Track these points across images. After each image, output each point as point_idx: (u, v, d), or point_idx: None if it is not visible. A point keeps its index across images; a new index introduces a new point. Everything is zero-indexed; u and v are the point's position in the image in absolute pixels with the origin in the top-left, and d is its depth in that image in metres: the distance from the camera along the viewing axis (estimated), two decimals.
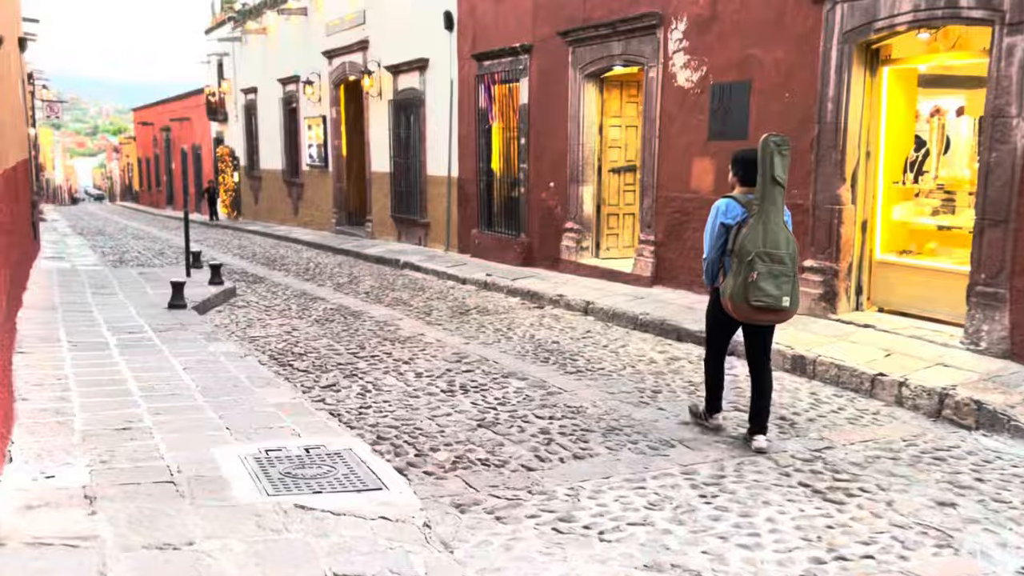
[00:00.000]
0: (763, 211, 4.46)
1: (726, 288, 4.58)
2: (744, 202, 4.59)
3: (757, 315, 4.56)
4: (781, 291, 4.45)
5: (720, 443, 4.89)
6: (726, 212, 4.64)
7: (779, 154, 4.43)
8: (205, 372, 5.48)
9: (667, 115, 9.38)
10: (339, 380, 6.10)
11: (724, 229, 4.63)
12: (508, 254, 12.26)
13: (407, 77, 15.23)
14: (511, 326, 8.41)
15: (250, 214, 25.46)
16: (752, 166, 4.55)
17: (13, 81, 9.84)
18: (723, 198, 4.76)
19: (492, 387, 5.97)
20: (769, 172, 4.43)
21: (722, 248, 4.65)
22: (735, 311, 4.58)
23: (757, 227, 4.44)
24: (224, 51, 26.08)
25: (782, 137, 4.50)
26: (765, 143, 4.46)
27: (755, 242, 4.42)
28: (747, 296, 4.45)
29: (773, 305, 4.47)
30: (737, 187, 4.76)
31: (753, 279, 4.40)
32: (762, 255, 4.40)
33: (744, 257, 4.44)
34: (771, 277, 4.41)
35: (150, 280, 10.59)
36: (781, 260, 4.43)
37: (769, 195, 4.45)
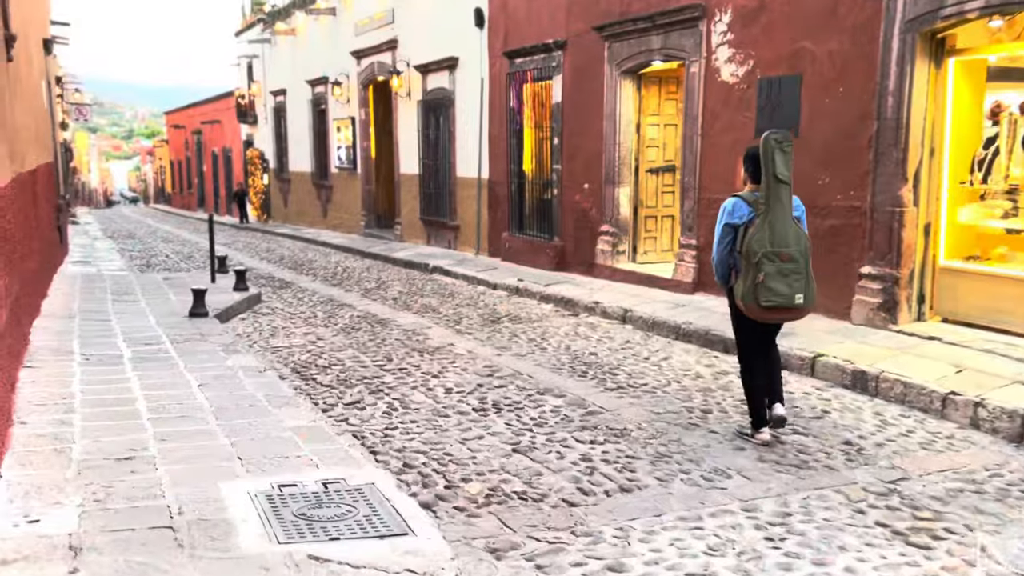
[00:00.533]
0: (769, 210, 4.40)
1: (737, 289, 4.55)
2: (751, 201, 4.52)
3: (770, 315, 4.53)
4: (793, 289, 4.40)
5: (780, 471, 4.41)
6: (732, 212, 4.58)
7: (781, 151, 4.38)
8: (220, 389, 5.12)
9: (710, 112, 8.88)
10: (364, 396, 5.70)
11: (731, 229, 4.57)
12: (540, 258, 11.82)
13: (436, 76, 14.86)
14: (545, 335, 7.97)
15: (279, 217, 25.30)
16: (758, 163, 4.50)
17: (35, 83, 9.61)
18: (731, 197, 4.68)
19: (527, 405, 5.54)
20: (771, 170, 4.37)
21: (729, 247, 4.59)
22: (747, 311, 4.55)
23: (763, 227, 4.40)
24: (254, 53, 25.97)
25: (783, 133, 4.47)
26: (766, 140, 4.39)
27: (761, 242, 4.37)
28: (757, 297, 4.41)
29: (785, 304, 4.43)
30: (748, 185, 4.69)
31: (761, 280, 4.36)
32: (769, 255, 4.36)
33: (751, 258, 4.39)
34: (780, 276, 4.37)
35: (174, 286, 10.32)
36: (791, 258, 4.39)
37: (774, 193, 4.39)
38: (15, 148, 6.73)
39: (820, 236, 7.70)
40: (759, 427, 4.80)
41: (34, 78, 9.58)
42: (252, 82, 26.93)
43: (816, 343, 6.83)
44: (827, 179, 7.64)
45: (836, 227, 7.56)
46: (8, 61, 6.51)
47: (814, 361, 6.48)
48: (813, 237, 7.80)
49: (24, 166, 7.47)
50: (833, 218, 7.59)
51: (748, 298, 4.47)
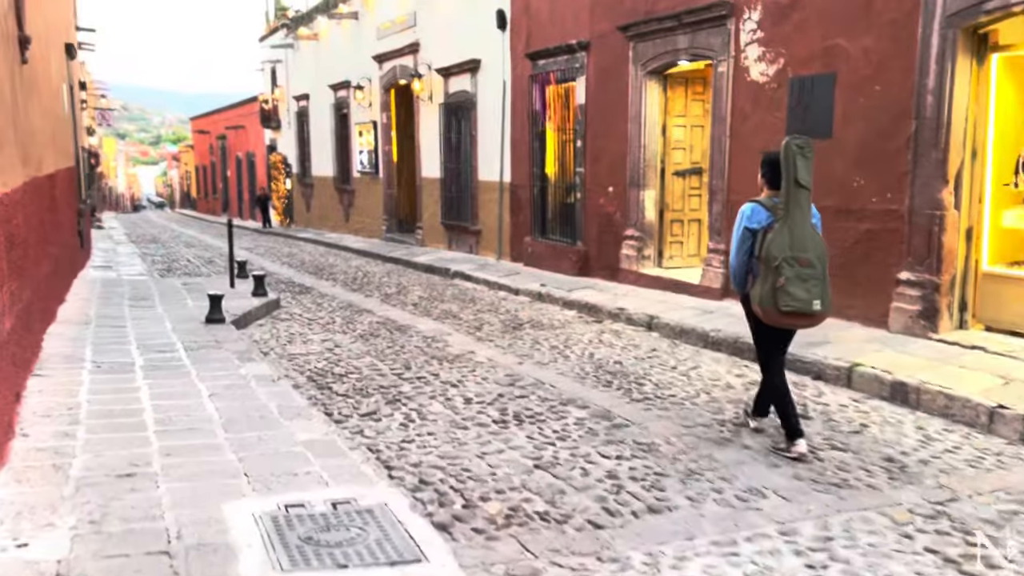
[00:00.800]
0: (788, 215, 4.40)
1: (755, 294, 4.52)
2: (770, 206, 4.52)
3: (788, 320, 4.50)
4: (811, 294, 4.39)
5: (819, 490, 4.15)
6: (751, 217, 4.57)
7: (802, 156, 4.39)
8: (231, 400, 4.94)
9: (739, 113, 8.60)
10: (380, 407, 5.50)
11: (749, 234, 4.56)
12: (563, 263, 11.59)
13: (458, 79, 14.69)
14: (568, 343, 7.73)
15: (302, 221, 25.28)
16: (777, 168, 4.50)
17: (55, 87, 9.56)
18: (749, 202, 4.66)
19: (549, 417, 5.31)
20: (792, 175, 4.38)
21: (749, 253, 4.58)
22: (765, 317, 4.52)
23: (783, 231, 4.40)
24: (277, 58, 26.02)
25: (804, 139, 4.47)
26: (787, 146, 4.40)
27: (781, 247, 4.36)
28: (776, 302, 4.39)
29: (803, 309, 4.40)
30: (765, 190, 4.68)
31: (781, 284, 4.35)
32: (789, 259, 4.35)
33: (771, 262, 4.38)
34: (799, 281, 4.36)
35: (192, 291, 10.21)
36: (810, 263, 4.39)
37: (794, 198, 4.40)
38: (30, 151, 6.62)
39: (855, 241, 7.40)
40: (794, 438, 4.63)
41: (54, 82, 9.52)
42: (275, 87, 26.98)
43: (852, 352, 6.54)
44: (862, 181, 7.34)
45: (872, 231, 7.26)
46: (23, 63, 6.40)
47: (851, 371, 6.19)
48: (847, 241, 7.53)
49: (41, 170, 7.38)
50: (869, 222, 7.29)
51: (767, 302, 4.44)
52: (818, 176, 7.80)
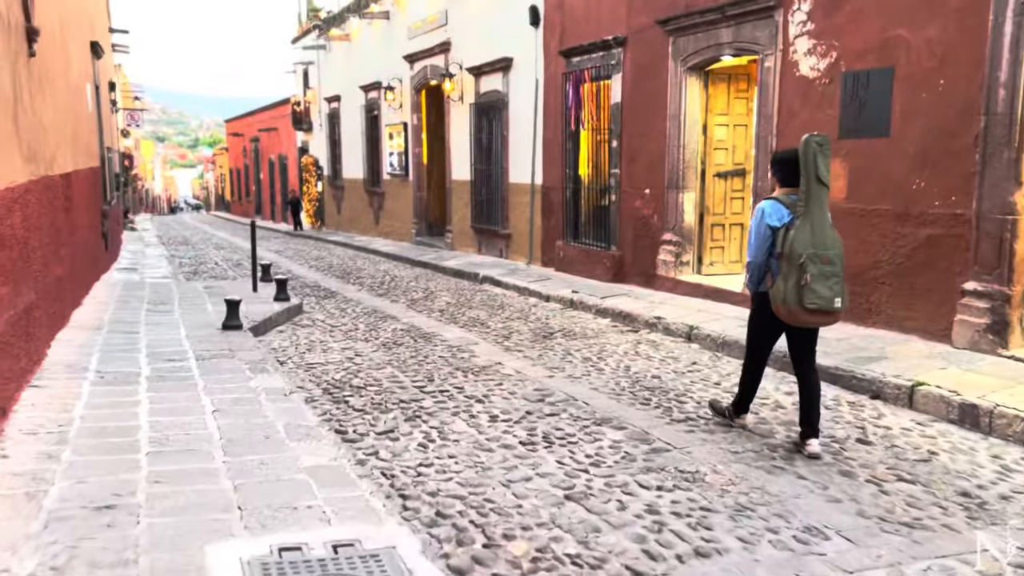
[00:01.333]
0: (809, 212, 4.39)
1: (777, 292, 4.47)
2: (788, 203, 4.52)
3: (810, 318, 4.47)
4: (833, 292, 4.38)
5: (888, 531, 3.64)
6: (772, 214, 4.54)
7: (822, 154, 4.38)
8: (236, 416, 4.56)
9: (787, 110, 8.07)
10: (399, 424, 5.08)
11: (771, 231, 4.53)
12: (597, 268, 11.11)
13: (489, 79, 14.30)
14: (602, 354, 7.26)
15: (333, 224, 25.08)
16: (791, 166, 4.50)
17: (74, 84, 9.32)
18: (767, 199, 4.65)
19: (582, 439, 4.84)
20: (813, 172, 4.37)
21: (769, 251, 4.55)
22: (788, 316, 4.49)
23: (805, 228, 4.38)
24: (309, 60, 25.89)
25: (823, 136, 4.45)
26: (807, 143, 4.38)
27: (805, 244, 4.35)
28: (801, 299, 4.37)
29: (825, 307, 4.39)
30: (777, 188, 4.69)
31: (807, 282, 4.33)
32: (812, 257, 4.34)
33: (795, 260, 4.37)
34: (823, 279, 4.34)
35: (214, 295, 9.92)
36: (830, 261, 4.38)
37: (815, 196, 4.39)
38: (38, 149, 6.33)
39: (914, 247, 6.85)
40: (741, 413, 5.02)
41: (73, 79, 9.29)
42: (307, 89, 26.86)
43: (913, 369, 5.99)
44: (922, 183, 6.77)
45: (934, 237, 6.69)
46: (31, 56, 6.11)
47: (913, 391, 5.64)
48: (906, 248, 6.96)
49: (52, 169, 7.10)
50: (930, 227, 6.72)
51: (792, 300, 4.40)
52: (873, 178, 7.28)
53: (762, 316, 4.75)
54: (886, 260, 7.12)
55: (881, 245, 7.15)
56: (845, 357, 6.45)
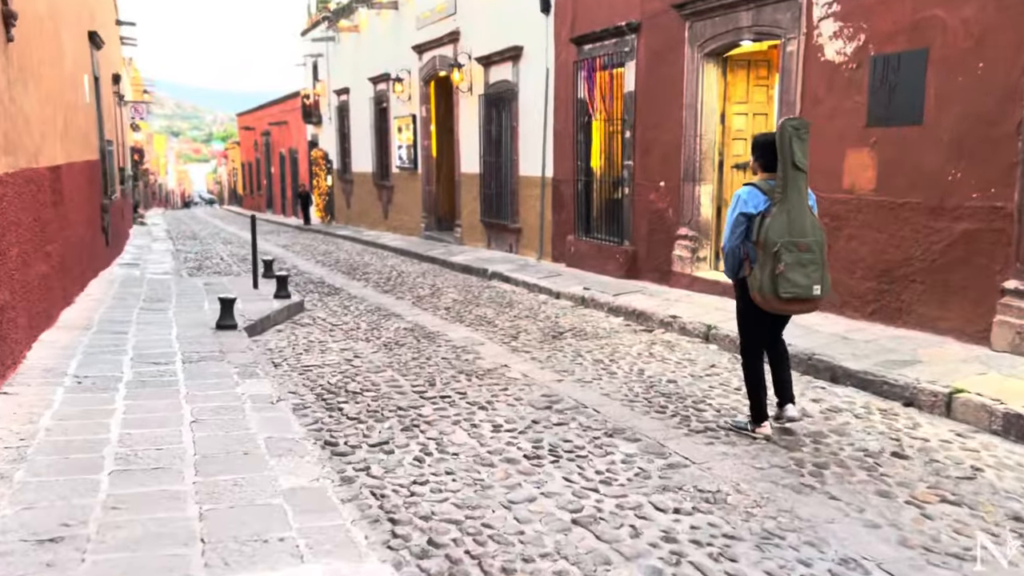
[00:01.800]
0: (786, 198, 4.32)
1: (754, 280, 4.43)
2: (766, 189, 4.42)
3: (787, 306, 4.44)
4: (811, 279, 4.34)
5: (936, 564, 3.24)
6: (747, 201, 4.45)
7: (798, 138, 4.28)
8: (216, 428, 4.20)
9: (811, 97, 7.62)
10: (394, 435, 4.72)
11: (745, 218, 4.45)
12: (609, 264, 10.70)
13: (499, 69, 13.89)
14: (614, 356, 6.87)
15: (342, 218, 24.77)
16: (770, 151, 4.39)
17: (68, 74, 8.99)
18: (745, 185, 4.57)
19: (592, 453, 4.46)
20: (789, 158, 4.27)
21: (742, 237, 4.47)
22: (764, 303, 4.45)
23: (781, 216, 4.31)
24: (319, 52, 25.56)
25: (801, 120, 4.37)
26: (783, 128, 4.29)
27: (780, 232, 4.28)
28: (776, 288, 4.33)
29: (803, 295, 4.35)
30: (759, 173, 4.58)
31: (781, 271, 4.28)
32: (788, 245, 4.28)
33: (769, 248, 4.30)
34: (799, 266, 4.30)
35: (212, 292, 9.59)
36: (808, 248, 4.32)
37: (792, 182, 4.30)
38: (17, 140, 6.00)
39: (949, 243, 6.40)
40: (760, 421, 4.70)
41: (67, 69, 8.96)
42: (317, 81, 26.53)
43: (949, 374, 5.56)
44: (958, 174, 6.33)
45: (971, 232, 6.24)
46: (8, 41, 5.77)
47: (951, 399, 5.21)
48: (940, 244, 6.51)
49: (38, 161, 6.77)
50: (967, 221, 6.27)
51: (767, 289, 4.36)
52: (904, 169, 6.84)
53: (746, 304, 4.64)
54: (918, 256, 6.68)
55: (913, 240, 6.71)
56: (875, 360, 6.03)
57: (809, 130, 4.37)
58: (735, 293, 4.77)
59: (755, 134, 4.75)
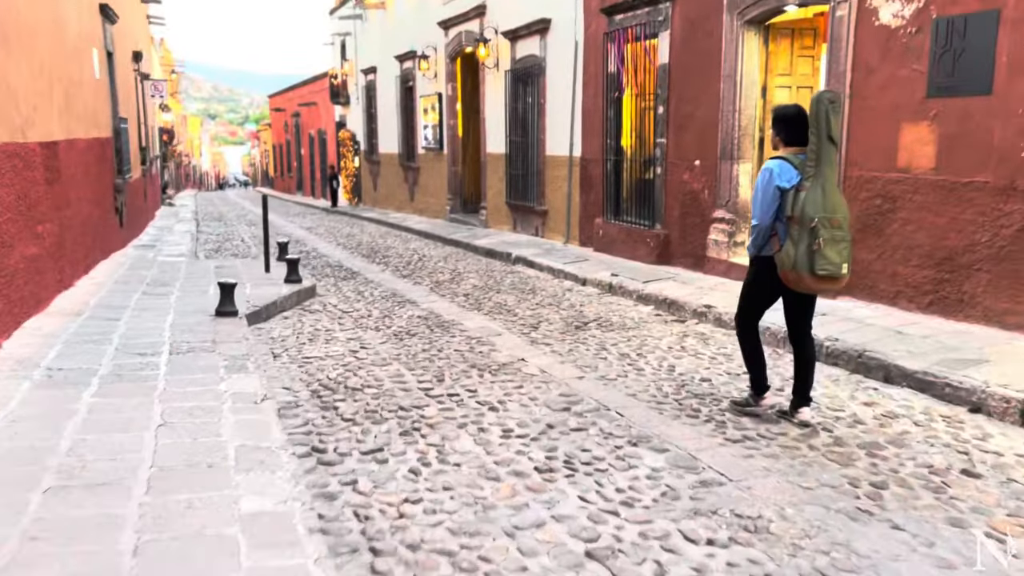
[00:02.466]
0: (820, 173, 4.16)
1: (787, 258, 4.23)
2: (797, 163, 4.26)
3: (818, 284, 4.25)
4: (842, 258, 4.19)
5: None
6: (780, 175, 4.27)
7: (834, 112, 4.14)
8: (183, 434, 3.72)
9: (863, 66, 6.92)
10: (391, 440, 4.20)
11: (779, 193, 4.26)
12: (639, 249, 10.08)
13: (526, 43, 13.25)
14: (642, 350, 6.29)
15: (369, 200, 24.36)
16: (797, 124, 4.29)
17: (71, 46, 8.58)
18: (774, 159, 4.37)
19: (613, 466, 3.90)
20: (825, 131, 4.12)
21: (776, 214, 4.29)
22: (797, 281, 4.27)
23: (816, 190, 4.15)
24: (347, 31, 25.07)
25: (835, 93, 4.23)
26: (819, 100, 4.14)
27: (816, 207, 4.13)
28: (812, 265, 4.14)
29: (835, 273, 4.19)
30: (781, 147, 4.41)
31: (819, 247, 4.12)
32: (824, 220, 4.13)
33: (807, 223, 4.14)
34: (833, 243, 4.14)
35: (222, 276, 9.15)
36: (840, 225, 4.17)
37: (826, 156, 4.16)
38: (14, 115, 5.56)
39: (1022, 227, 5.70)
40: (762, 392, 4.61)
41: (70, 42, 8.55)
42: (344, 61, 26.07)
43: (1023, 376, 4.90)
44: None
45: None
46: None
47: None
48: (1010, 228, 5.73)
49: (26, 136, 6.34)
50: None
51: (802, 266, 4.16)
52: (969, 144, 6.12)
53: (762, 281, 4.48)
54: (984, 242, 5.98)
55: (978, 224, 6.02)
56: (934, 359, 5.37)
57: (841, 103, 4.26)
58: (749, 270, 4.59)
59: (775, 106, 4.58)
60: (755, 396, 4.64)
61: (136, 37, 17.10)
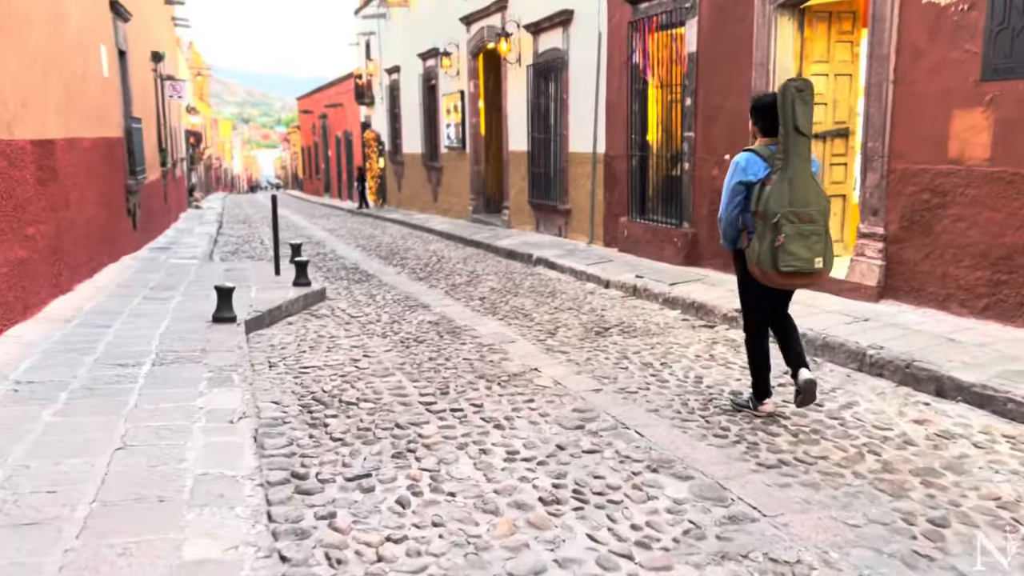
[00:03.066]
0: (788, 165, 4.04)
1: (752, 253, 4.17)
2: (767, 156, 4.14)
3: (786, 280, 4.16)
4: (813, 252, 4.06)
5: None
6: (746, 168, 4.18)
7: (801, 101, 3.99)
8: (141, 459, 3.31)
9: (909, 49, 6.35)
10: (382, 464, 3.76)
11: (743, 187, 4.18)
12: (666, 249, 9.56)
13: (549, 36, 12.78)
14: (667, 358, 5.79)
15: (394, 201, 24.05)
16: (771, 113, 4.08)
17: (73, 41, 8.29)
18: (743, 151, 4.27)
19: (629, 496, 3.42)
20: (791, 122, 3.99)
21: (740, 207, 4.21)
22: (763, 277, 4.18)
23: (782, 184, 4.03)
24: (371, 30, 24.82)
25: (804, 81, 4.04)
26: (785, 88, 4.01)
27: (780, 201, 4.01)
28: (775, 262, 4.05)
29: (804, 268, 4.07)
30: (759, 138, 4.28)
31: (781, 243, 4.00)
32: (789, 215, 4.01)
33: (769, 219, 4.03)
34: (800, 238, 4.01)
35: (232, 279, 8.83)
36: (811, 219, 4.04)
37: (793, 147, 4.01)
38: None
39: None
40: (763, 398, 4.45)
41: (71, 36, 8.26)
42: (369, 60, 25.81)
43: None
44: None
45: None
46: None
47: None
48: None
49: (12, 132, 6.03)
50: None
51: (765, 262, 4.09)
52: None
53: (748, 275, 4.33)
54: None
55: None
56: (993, 371, 4.82)
57: (814, 92, 4.02)
58: (735, 266, 4.48)
59: (753, 96, 4.42)
60: (756, 400, 4.48)
61: (157, 38, 16.93)
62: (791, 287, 4.29)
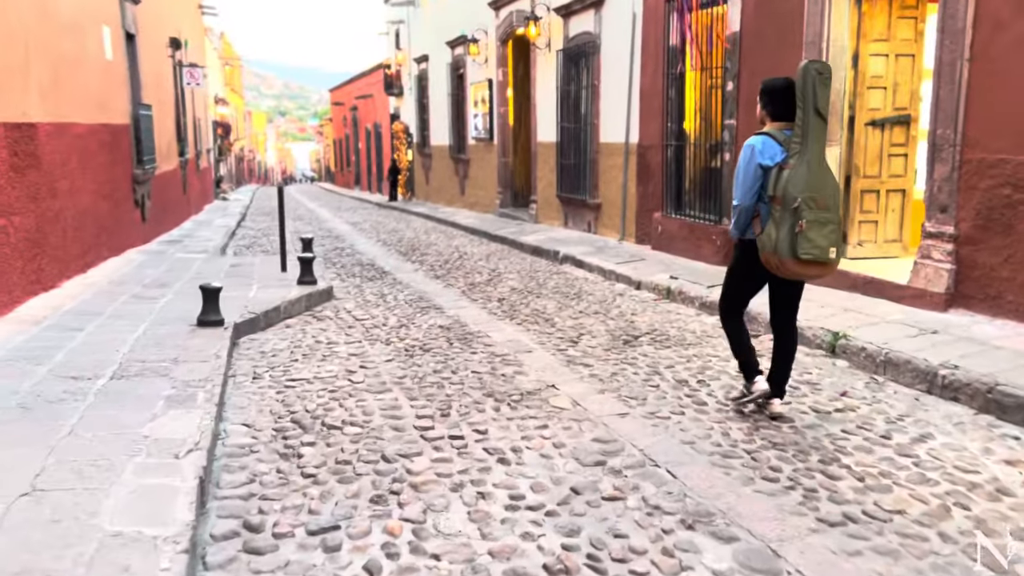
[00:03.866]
0: (805, 149, 3.85)
1: (768, 240, 3.89)
2: (782, 140, 3.94)
3: (802, 269, 3.90)
4: (829, 241, 3.85)
5: None
6: (762, 152, 3.94)
7: (822, 83, 3.83)
8: (44, 510, 2.68)
9: (987, 21, 5.51)
10: (355, 511, 3.10)
11: (761, 171, 3.94)
12: (704, 248, 8.79)
13: (580, 19, 12.03)
14: (704, 374, 5.06)
15: (422, 194, 23.46)
16: (784, 97, 3.95)
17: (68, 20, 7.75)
18: (757, 135, 4.02)
19: (657, 565, 2.71)
20: (812, 105, 3.83)
21: (758, 194, 3.97)
22: (779, 266, 3.92)
23: (800, 168, 3.83)
24: (400, 19, 24.24)
25: (824, 64, 3.89)
26: (806, 70, 3.83)
27: (799, 186, 3.81)
28: (795, 249, 3.81)
29: (820, 257, 3.84)
30: (767, 122, 4.07)
31: (801, 229, 3.79)
32: (808, 201, 3.79)
33: (789, 204, 3.81)
34: (818, 225, 3.81)
35: (234, 275, 8.31)
36: (827, 206, 3.84)
37: (813, 131, 3.85)
38: None
39: None
40: (752, 377, 4.24)
41: (65, 15, 7.74)
42: (398, 50, 25.23)
43: None
44: None
45: None
46: None
47: None
48: None
49: None
50: None
51: (784, 250, 3.82)
52: None
53: (745, 266, 4.17)
54: None
55: None
56: None
57: (832, 76, 3.90)
58: (732, 254, 4.32)
59: (764, 79, 4.11)
60: (748, 385, 4.30)
61: (176, 23, 16.47)
62: (803, 277, 4.04)
